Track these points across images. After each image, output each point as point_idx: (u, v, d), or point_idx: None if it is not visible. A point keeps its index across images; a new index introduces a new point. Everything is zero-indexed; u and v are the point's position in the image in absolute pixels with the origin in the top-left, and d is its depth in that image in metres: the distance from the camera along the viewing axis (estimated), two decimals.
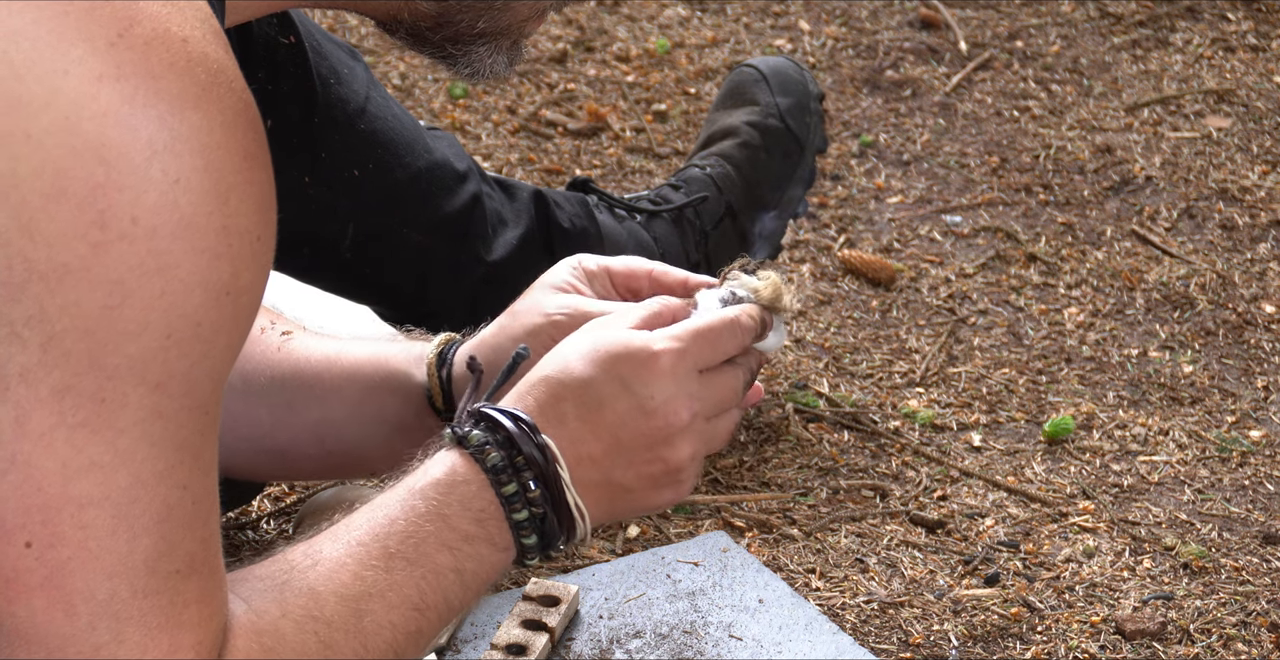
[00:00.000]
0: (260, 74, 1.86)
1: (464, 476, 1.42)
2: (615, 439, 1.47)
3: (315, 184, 1.91)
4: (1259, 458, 2.20)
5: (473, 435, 1.43)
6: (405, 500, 1.40)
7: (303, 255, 1.95)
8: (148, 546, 1.18)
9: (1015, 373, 2.34)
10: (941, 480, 2.14)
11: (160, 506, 1.18)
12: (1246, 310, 2.47)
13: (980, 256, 2.56)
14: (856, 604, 1.94)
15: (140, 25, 1.15)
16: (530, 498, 1.43)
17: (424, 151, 1.99)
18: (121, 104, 1.13)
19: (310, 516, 1.89)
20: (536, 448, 1.44)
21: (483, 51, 1.43)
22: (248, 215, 1.18)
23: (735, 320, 1.52)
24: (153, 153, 1.13)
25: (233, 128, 1.17)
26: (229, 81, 1.18)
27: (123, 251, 1.13)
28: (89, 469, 1.15)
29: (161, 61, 1.14)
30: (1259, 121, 2.89)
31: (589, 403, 1.46)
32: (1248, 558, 2.04)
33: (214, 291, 1.16)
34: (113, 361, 1.14)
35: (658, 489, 1.51)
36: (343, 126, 1.92)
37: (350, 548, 1.36)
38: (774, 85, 2.31)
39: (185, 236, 1.14)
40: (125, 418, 1.15)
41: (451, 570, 1.40)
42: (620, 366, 1.46)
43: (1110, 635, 1.92)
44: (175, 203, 1.14)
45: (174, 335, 1.15)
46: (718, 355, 1.51)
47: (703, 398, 1.49)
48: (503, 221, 2.05)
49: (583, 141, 2.79)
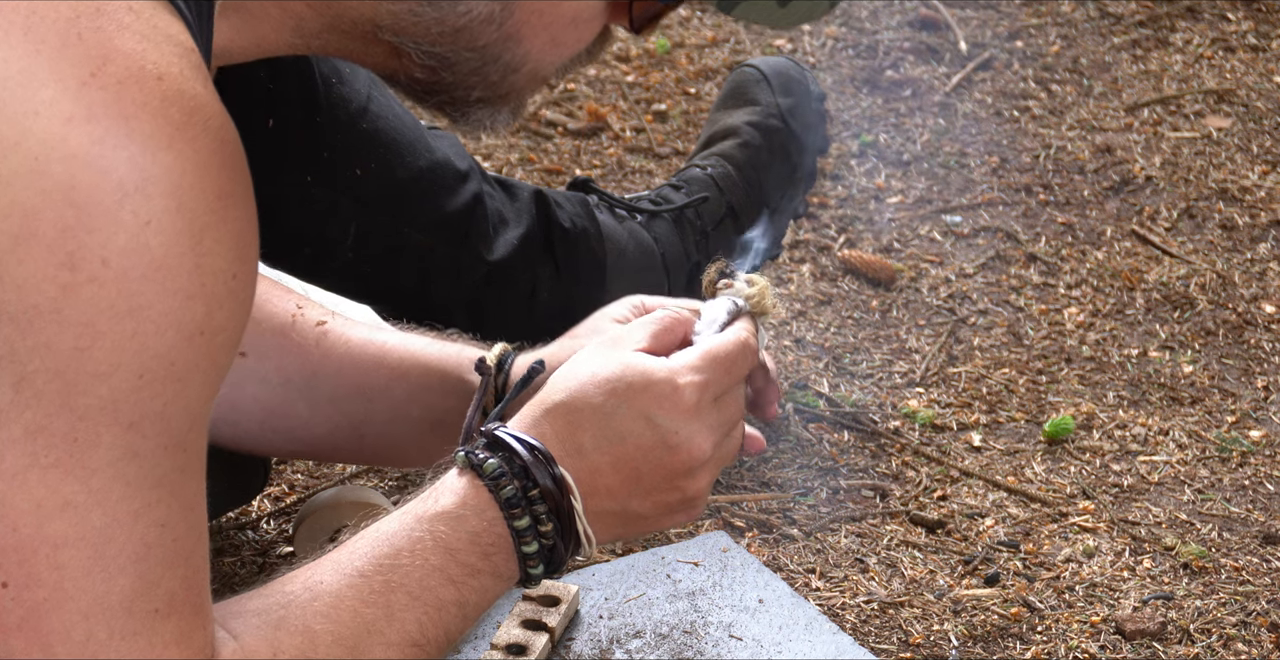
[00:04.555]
0: (262, 73, 1.86)
1: (474, 508, 1.41)
2: (635, 471, 1.46)
3: (317, 183, 1.91)
4: (1259, 458, 2.20)
5: (488, 464, 1.42)
6: (412, 531, 1.39)
7: (304, 254, 1.95)
8: (125, 586, 1.17)
9: (1015, 373, 2.34)
10: (941, 480, 2.14)
11: (137, 545, 1.17)
12: (1246, 310, 2.47)
13: (980, 256, 2.56)
14: (856, 604, 1.94)
15: (113, 64, 1.14)
16: (542, 531, 1.42)
17: (425, 151, 1.99)
18: (91, 146, 1.12)
19: (312, 517, 1.89)
20: (552, 479, 1.43)
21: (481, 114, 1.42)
22: (222, 255, 1.17)
23: (746, 343, 1.52)
24: (123, 195, 1.12)
25: (207, 168, 1.16)
26: (205, 119, 1.16)
27: (93, 293, 1.12)
28: (63, 509, 1.14)
29: (134, 101, 1.13)
30: (1259, 121, 2.89)
31: (610, 435, 1.45)
32: (1248, 558, 2.05)
33: (187, 332, 1.16)
34: (85, 402, 1.14)
35: (671, 514, 1.50)
36: (345, 126, 1.92)
37: (351, 579, 1.35)
38: (775, 86, 2.31)
39: (156, 278, 1.14)
40: (98, 458, 1.15)
41: (454, 604, 1.39)
42: (642, 401, 1.45)
43: (1110, 635, 1.92)
44: (146, 245, 1.13)
45: (146, 376, 1.15)
46: (734, 380, 1.50)
47: (720, 424, 1.49)
48: (504, 221, 2.05)
49: (583, 141, 2.79)
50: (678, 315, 1.54)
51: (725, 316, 1.55)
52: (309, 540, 1.89)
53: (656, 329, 1.51)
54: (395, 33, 1.33)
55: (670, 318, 1.53)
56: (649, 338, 1.50)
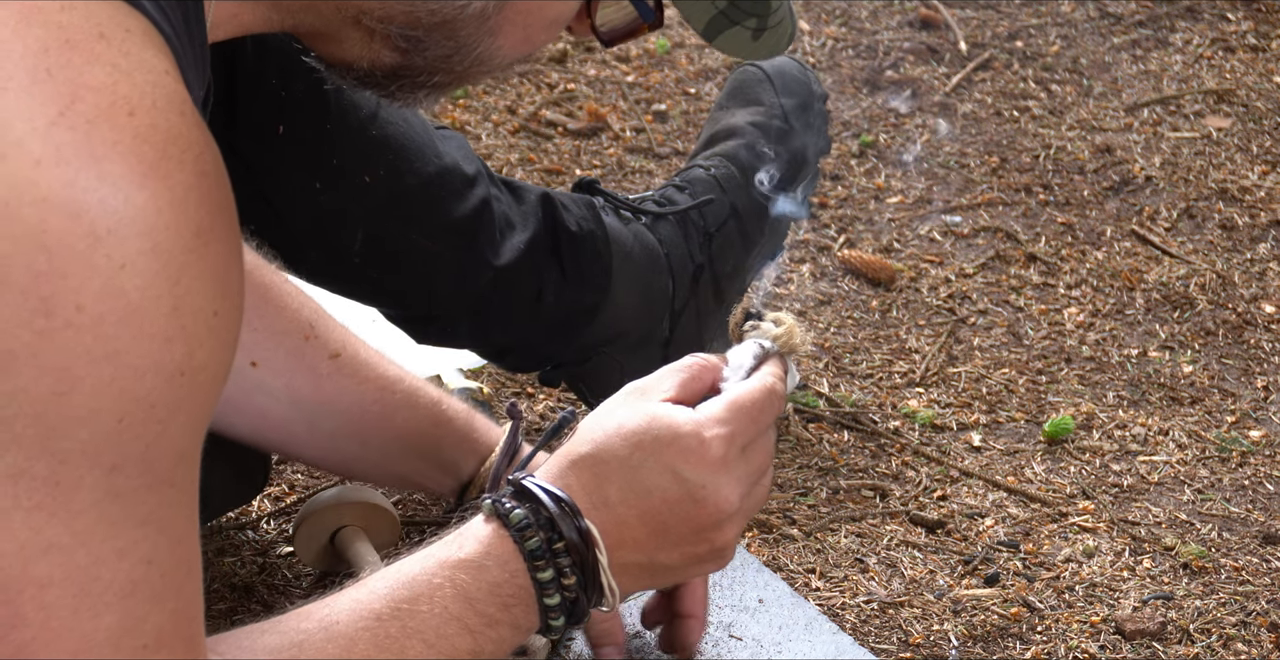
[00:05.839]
0: (274, 79, 1.86)
1: (498, 558, 1.41)
2: (662, 525, 1.46)
3: (325, 190, 1.91)
4: (1259, 458, 2.20)
5: (515, 514, 1.42)
6: (433, 577, 1.39)
7: (311, 259, 1.95)
8: (112, 624, 1.16)
9: (1015, 373, 2.34)
10: (941, 480, 2.14)
11: (124, 583, 1.16)
12: (1246, 310, 2.47)
13: (980, 256, 2.56)
14: (856, 604, 1.94)
15: (83, 101, 1.10)
16: (565, 583, 1.42)
17: (434, 156, 1.99)
18: (62, 189, 1.09)
19: (312, 517, 1.89)
20: (578, 532, 1.42)
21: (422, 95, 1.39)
22: (201, 292, 1.14)
23: (772, 389, 1.51)
24: (96, 239, 1.09)
25: (183, 205, 1.13)
26: (180, 152, 1.13)
27: (68, 339, 1.10)
28: (47, 550, 1.13)
29: (105, 141, 1.10)
30: (1259, 121, 2.89)
31: (636, 489, 1.45)
32: (1248, 558, 2.05)
33: (167, 373, 1.13)
34: (65, 445, 1.12)
35: (700, 564, 1.50)
36: (355, 131, 1.92)
37: (367, 623, 1.34)
38: (778, 85, 2.31)
39: (133, 322, 1.11)
40: (81, 500, 1.13)
41: (469, 653, 1.38)
42: (669, 454, 1.45)
43: (1110, 635, 1.92)
44: (121, 289, 1.10)
45: (127, 419, 1.13)
46: (761, 429, 1.50)
47: (748, 475, 1.49)
48: (510, 225, 2.05)
49: (583, 141, 2.79)
50: (705, 362, 1.53)
51: (752, 361, 1.54)
52: (309, 540, 1.89)
53: (684, 377, 1.51)
54: (381, 21, 1.31)
55: (698, 365, 1.53)
56: (676, 387, 1.50)
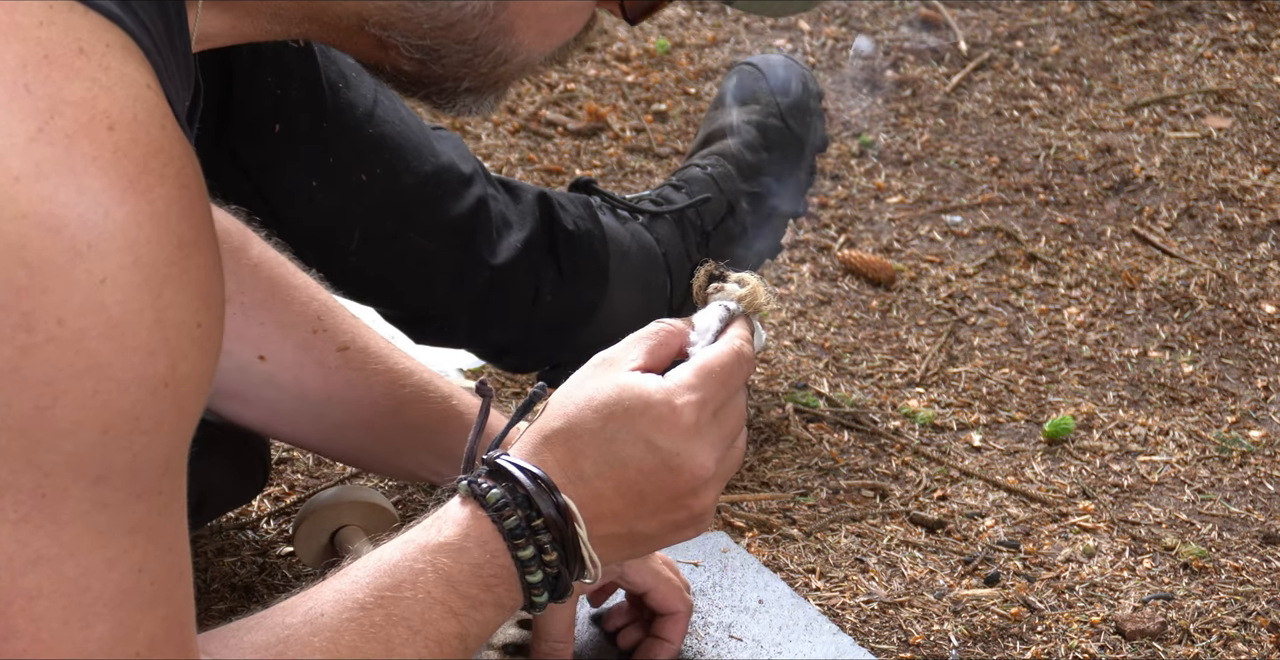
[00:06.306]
0: (269, 79, 1.86)
1: (477, 539, 1.41)
2: (639, 494, 1.45)
3: (322, 188, 1.91)
4: (1259, 458, 2.20)
5: (491, 494, 1.42)
6: (414, 562, 1.39)
7: (308, 258, 1.95)
8: (103, 633, 1.16)
9: (1015, 373, 2.34)
10: (941, 480, 2.14)
11: (114, 592, 1.15)
12: (1246, 310, 2.47)
13: (980, 256, 2.56)
14: (856, 604, 1.94)
15: (61, 116, 1.09)
16: (546, 560, 1.42)
17: (431, 155, 1.99)
18: (41, 204, 1.08)
19: (312, 517, 1.89)
20: (556, 507, 1.42)
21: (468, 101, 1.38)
22: (184, 305, 1.13)
23: (739, 351, 1.51)
24: (76, 254, 1.09)
25: (164, 218, 1.12)
26: (162, 166, 1.12)
27: (50, 354, 1.09)
28: (35, 563, 1.13)
29: (84, 156, 1.09)
30: (1259, 121, 2.89)
31: (611, 461, 1.44)
32: (1248, 558, 2.04)
33: (150, 386, 1.13)
34: (49, 459, 1.11)
35: (679, 531, 1.50)
36: (351, 131, 1.92)
37: (352, 613, 1.35)
38: (774, 84, 2.31)
39: (115, 335, 1.10)
40: (67, 511, 1.13)
41: (455, 636, 1.38)
42: (641, 424, 1.44)
43: (1110, 635, 1.92)
44: (102, 303, 1.10)
45: (111, 431, 1.12)
46: (731, 392, 1.49)
47: (721, 438, 1.48)
48: (507, 224, 2.05)
49: (583, 141, 2.79)
50: (671, 327, 1.52)
51: (718, 324, 1.53)
52: (309, 540, 1.89)
53: (651, 344, 1.50)
54: (383, 27, 1.30)
55: (664, 331, 1.52)
56: (644, 354, 1.49)
